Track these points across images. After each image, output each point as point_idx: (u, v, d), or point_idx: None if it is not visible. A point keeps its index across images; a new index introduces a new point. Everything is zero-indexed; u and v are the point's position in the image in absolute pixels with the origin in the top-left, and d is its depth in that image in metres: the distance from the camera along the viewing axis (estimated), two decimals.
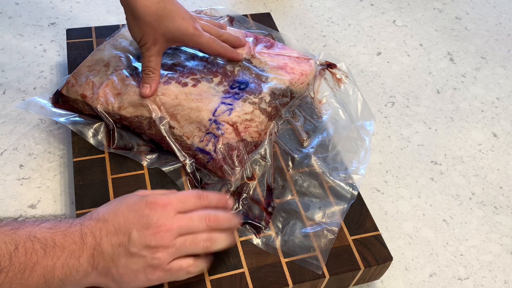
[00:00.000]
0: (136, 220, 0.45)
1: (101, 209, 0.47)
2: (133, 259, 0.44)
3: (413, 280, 0.59)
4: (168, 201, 0.47)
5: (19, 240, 0.39)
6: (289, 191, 0.57)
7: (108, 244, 0.44)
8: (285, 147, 0.61)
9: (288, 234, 0.54)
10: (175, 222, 0.45)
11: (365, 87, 0.82)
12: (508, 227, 0.65)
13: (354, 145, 0.62)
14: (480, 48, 0.92)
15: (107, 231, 0.44)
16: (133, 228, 0.44)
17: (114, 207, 0.46)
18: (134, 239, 0.44)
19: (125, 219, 0.45)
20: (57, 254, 0.41)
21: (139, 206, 0.46)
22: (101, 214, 0.45)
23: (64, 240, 0.42)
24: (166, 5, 0.56)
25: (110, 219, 0.45)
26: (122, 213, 0.45)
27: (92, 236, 0.43)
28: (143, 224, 0.45)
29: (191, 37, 0.59)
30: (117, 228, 0.44)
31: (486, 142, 0.76)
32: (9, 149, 0.65)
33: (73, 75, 0.63)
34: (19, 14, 0.84)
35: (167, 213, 0.46)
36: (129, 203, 0.46)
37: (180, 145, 0.58)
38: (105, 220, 0.45)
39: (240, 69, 0.64)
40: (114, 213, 0.45)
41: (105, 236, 0.44)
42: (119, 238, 0.44)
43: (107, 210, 0.46)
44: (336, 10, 0.96)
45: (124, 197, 0.48)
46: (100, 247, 0.43)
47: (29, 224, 0.42)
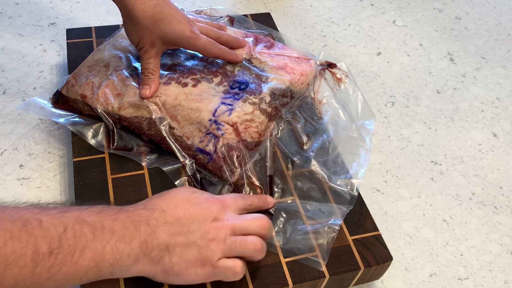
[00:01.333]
0: (197, 212, 0.46)
1: (154, 199, 0.47)
2: (189, 249, 0.45)
3: (413, 280, 0.59)
4: (224, 199, 0.50)
5: (68, 222, 0.39)
6: (289, 193, 0.57)
7: (165, 233, 0.44)
8: (285, 150, 0.61)
9: (289, 234, 0.54)
10: (231, 219, 0.47)
11: (365, 87, 0.82)
12: (508, 227, 0.65)
13: (354, 146, 0.62)
14: (480, 48, 0.92)
15: (165, 221, 0.45)
16: (194, 220, 0.46)
17: (171, 199, 0.47)
18: (194, 229, 0.45)
19: (185, 211, 0.46)
20: (106, 237, 0.41)
21: (200, 200, 0.48)
22: (156, 204, 0.46)
23: (113, 224, 0.42)
24: (163, 9, 0.56)
25: (168, 210, 0.45)
26: (181, 206, 0.46)
27: (146, 223, 0.43)
28: (204, 216, 0.46)
29: (188, 40, 0.60)
30: (176, 219, 0.45)
31: (486, 142, 0.76)
32: (9, 149, 0.65)
33: (73, 75, 0.63)
34: (19, 14, 0.84)
35: (225, 210, 0.48)
36: (188, 196, 0.48)
37: (180, 146, 0.58)
38: (162, 211, 0.45)
39: (240, 69, 0.64)
40: (172, 205, 0.46)
41: (161, 225, 0.44)
42: (178, 228, 0.45)
43: (163, 201, 0.46)
44: (336, 10, 0.96)
45: (175, 190, 0.49)
46: (156, 234, 0.44)
47: (77, 209, 0.41)
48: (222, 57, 0.64)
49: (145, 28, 0.56)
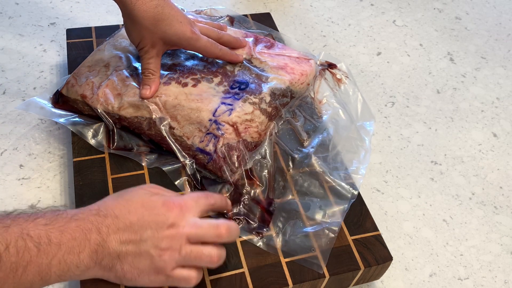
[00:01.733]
0: (151, 219, 0.44)
1: (108, 202, 0.45)
2: (140, 258, 0.44)
3: (413, 280, 0.59)
4: (184, 202, 0.47)
5: (10, 239, 0.38)
6: (289, 191, 0.57)
7: (116, 241, 0.43)
8: (285, 147, 0.61)
9: (289, 234, 0.54)
10: (188, 226, 0.45)
11: (365, 87, 0.82)
12: (508, 227, 0.65)
13: (354, 145, 0.62)
14: (480, 48, 0.92)
15: (117, 228, 0.43)
16: (147, 227, 0.44)
17: (126, 203, 0.45)
18: (147, 237, 0.44)
19: (139, 217, 0.44)
20: (52, 251, 0.40)
21: (155, 204, 0.45)
22: (110, 209, 0.44)
23: (61, 236, 0.40)
24: (164, 9, 0.56)
25: (121, 216, 0.44)
26: (135, 210, 0.45)
27: (97, 232, 0.42)
28: (158, 223, 0.44)
29: (189, 41, 0.59)
30: (128, 226, 0.44)
31: (486, 142, 0.76)
32: (9, 149, 0.65)
33: (73, 75, 0.63)
34: (19, 14, 0.84)
35: (182, 215, 0.46)
36: (144, 200, 0.46)
37: (180, 146, 0.58)
38: (115, 217, 0.44)
39: (240, 69, 0.64)
40: (126, 210, 0.44)
41: (113, 233, 0.43)
42: (130, 236, 0.44)
43: (116, 205, 0.45)
44: (336, 10, 0.96)
45: (133, 192, 0.47)
46: (106, 244, 0.43)
47: (23, 220, 0.40)
48: (223, 58, 0.64)
49: (146, 29, 0.56)
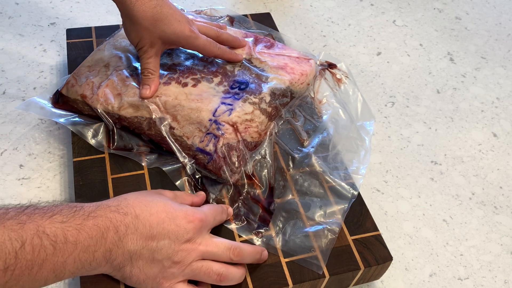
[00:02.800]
0: (171, 229, 0.45)
1: (130, 199, 0.45)
2: (151, 265, 0.44)
3: (413, 280, 0.59)
4: (205, 217, 0.47)
5: (26, 236, 0.37)
6: (289, 191, 0.57)
7: (132, 243, 0.43)
8: (285, 147, 0.61)
9: (289, 234, 0.54)
10: (204, 242, 0.46)
11: (365, 87, 0.82)
12: (508, 227, 0.65)
13: (354, 145, 0.62)
14: (480, 48, 0.92)
15: (135, 228, 0.43)
16: (165, 236, 0.44)
17: (148, 203, 0.45)
18: (162, 246, 0.44)
19: (159, 222, 0.44)
20: (68, 250, 0.39)
21: (178, 214, 0.46)
22: (130, 207, 0.44)
23: (78, 234, 0.39)
24: (163, 9, 0.57)
25: (142, 216, 0.44)
26: (157, 215, 0.44)
27: (115, 230, 0.42)
28: (177, 235, 0.45)
29: (187, 40, 0.60)
30: (148, 229, 0.44)
31: (486, 142, 0.76)
32: (9, 149, 0.65)
33: (73, 75, 0.63)
34: (19, 14, 0.84)
35: (200, 232, 0.46)
36: (166, 206, 0.46)
37: (180, 146, 0.58)
38: (136, 216, 0.43)
39: (240, 69, 0.64)
40: (147, 211, 0.44)
41: (131, 233, 0.43)
42: (147, 240, 0.43)
43: (138, 204, 0.44)
44: (336, 10, 0.96)
45: (154, 196, 0.47)
46: (122, 243, 0.42)
47: (39, 217, 0.39)
48: (222, 57, 0.64)
49: (144, 28, 0.57)
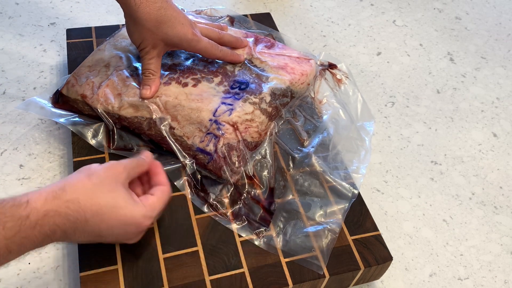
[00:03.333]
0: (121, 233, 0.47)
1: (82, 202, 0.43)
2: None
3: (413, 280, 0.59)
4: (154, 219, 0.49)
5: None
6: (289, 191, 0.57)
7: (79, 238, 0.45)
8: (286, 146, 0.61)
9: (289, 234, 0.54)
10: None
11: (365, 87, 0.82)
12: (508, 227, 0.66)
13: (354, 145, 0.62)
14: (480, 48, 0.92)
15: (83, 230, 0.44)
16: (114, 237, 0.47)
17: (100, 208, 0.44)
18: (109, 240, 0.48)
19: (109, 227, 0.46)
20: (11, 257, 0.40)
21: (130, 223, 0.47)
22: (82, 212, 0.43)
23: (22, 245, 0.41)
24: (167, 11, 0.57)
25: (92, 221, 0.44)
26: (108, 221, 0.45)
27: (63, 232, 0.43)
28: (125, 237, 0.48)
29: (190, 43, 0.60)
30: (97, 231, 0.45)
31: (486, 142, 0.76)
32: (9, 149, 0.65)
33: (73, 75, 0.63)
34: (19, 14, 0.84)
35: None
36: (118, 212, 0.45)
37: (180, 146, 0.58)
38: (86, 221, 0.43)
39: (241, 69, 0.64)
40: (98, 217, 0.44)
41: (79, 233, 0.44)
42: (95, 237, 0.46)
43: (90, 208, 0.44)
44: (336, 10, 0.96)
45: (109, 196, 0.45)
46: (69, 239, 0.44)
47: None
48: (223, 59, 0.64)
49: (148, 30, 0.57)
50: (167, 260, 0.51)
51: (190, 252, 0.52)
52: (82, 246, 0.51)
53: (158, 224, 0.53)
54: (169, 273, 0.50)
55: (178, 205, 0.55)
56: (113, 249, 0.51)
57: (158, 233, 0.53)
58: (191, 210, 0.55)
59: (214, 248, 0.52)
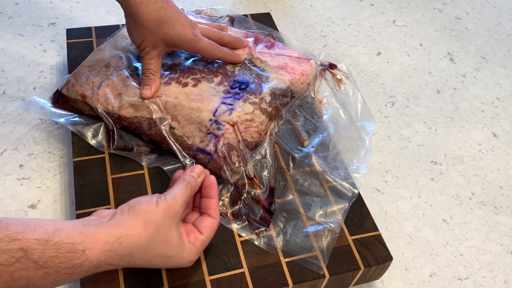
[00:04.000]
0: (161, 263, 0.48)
1: (135, 255, 0.44)
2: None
3: (413, 280, 0.59)
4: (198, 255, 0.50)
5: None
6: (290, 191, 0.57)
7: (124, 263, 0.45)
8: (286, 146, 0.61)
9: (290, 234, 0.54)
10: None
11: (365, 87, 0.82)
12: (508, 227, 0.66)
13: (354, 145, 0.62)
14: (480, 48, 0.92)
15: (129, 262, 0.45)
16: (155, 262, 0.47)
17: (150, 259, 0.46)
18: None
19: (151, 261, 0.46)
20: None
21: (171, 265, 0.48)
22: (131, 258, 0.44)
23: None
24: (167, 12, 0.57)
25: (137, 258, 0.45)
26: (151, 261, 0.46)
27: (109, 264, 0.43)
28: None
29: (190, 43, 0.60)
30: (141, 262, 0.46)
31: (486, 142, 0.76)
32: (9, 149, 0.65)
33: (73, 75, 0.63)
34: (19, 14, 0.84)
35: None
36: (166, 261, 0.47)
37: (180, 146, 0.58)
38: (132, 258, 0.44)
39: (241, 69, 0.64)
40: (145, 259, 0.45)
41: (124, 263, 0.44)
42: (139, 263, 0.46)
43: (140, 259, 0.45)
44: (336, 10, 0.96)
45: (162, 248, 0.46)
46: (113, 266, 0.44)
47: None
48: (223, 59, 0.64)
49: (148, 30, 0.57)
50: None
51: None
52: None
53: None
54: (169, 273, 0.50)
55: None
56: None
57: None
58: None
59: (214, 248, 0.52)
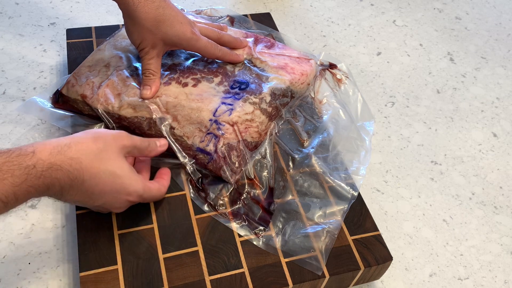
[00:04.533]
0: (110, 200, 0.49)
1: (84, 163, 0.45)
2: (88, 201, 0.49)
3: (413, 280, 0.59)
4: (144, 198, 0.52)
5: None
6: (289, 191, 0.57)
7: (72, 196, 0.45)
8: (286, 147, 0.61)
9: (289, 234, 0.54)
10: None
11: (365, 87, 0.82)
12: (508, 227, 0.66)
13: (354, 145, 0.62)
14: (480, 48, 0.92)
15: (78, 190, 0.45)
16: (103, 201, 0.48)
17: (98, 173, 0.46)
18: (98, 204, 0.49)
19: (101, 192, 0.47)
20: (17, 204, 0.42)
21: (122, 192, 0.49)
22: (81, 172, 0.44)
23: (28, 194, 0.42)
24: (165, 10, 0.57)
25: (87, 184, 0.45)
26: (102, 186, 0.46)
27: (59, 187, 0.44)
28: (113, 204, 0.50)
29: (189, 42, 0.60)
30: (89, 193, 0.46)
31: (486, 142, 0.76)
32: None
33: (74, 75, 0.63)
34: (19, 14, 0.84)
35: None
36: (115, 181, 0.47)
37: (180, 146, 0.58)
38: (82, 182, 0.45)
39: (241, 69, 0.64)
40: (94, 181, 0.46)
41: (73, 191, 0.45)
42: (86, 198, 0.47)
43: (89, 171, 0.45)
44: (336, 10, 0.96)
45: (109, 164, 0.47)
46: (63, 195, 0.45)
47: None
48: (223, 58, 0.64)
49: (147, 30, 0.57)
50: (167, 260, 0.51)
51: (190, 252, 0.52)
52: (82, 246, 0.51)
53: (158, 224, 0.53)
54: (169, 273, 0.50)
55: (178, 205, 0.55)
56: (113, 249, 0.51)
57: (158, 233, 0.53)
58: (191, 210, 0.55)
59: (214, 248, 0.52)
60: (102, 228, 0.52)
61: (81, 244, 0.51)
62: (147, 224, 0.53)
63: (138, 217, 0.54)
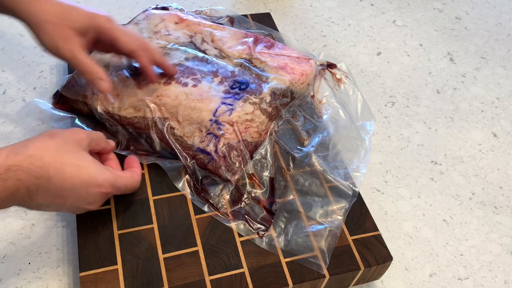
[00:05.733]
0: (82, 194, 0.47)
1: (45, 159, 0.44)
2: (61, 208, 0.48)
3: (413, 280, 0.59)
4: (115, 186, 0.50)
5: None
6: (290, 191, 0.57)
7: (41, 198, 0.44)
8: (286, 146, 0.61)
9: (291, 234, 0.54)
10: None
11: (365, 87, 0.82)
12: (508, 227, 0.66)
13: (354, 144, 0.62)
14: (480, 48, 0.92)
15: (46, 189, 0.44)
16: (75, 199, 0.47)
17: (63, 166, 0.45)
18: (69, 204, 0.47)
19: (71, 187, 0.46)
20: None
21: (91, 182, 0.47)
22: (45, 169, 0.43)
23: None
24: (65, 3, 0.54)
25: (55, 179, 0.44)
26: (70, 180, 0.45)
27: (26, 190, 0.42)
28: (86, 200, 0.48)
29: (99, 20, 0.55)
30: (59, 191, 0.45)
31: (486, 142, 0.76)
32: None
33: (73, 75, 0.63)
34: None
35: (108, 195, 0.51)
36: (81, 171, 0.46)
37: (180, 146, 0.58)
38: (49, 179, 0.44)
39: (241, 69, 0.64)
40: (61, 175, 0.44)
41: (41, 192, 0.44)
42: (56, 199, 0.45)
43: (53, 165, 0.44)
44: (336, 10, 0.96)
45: (72, 156, 0.46)
46: (31, 199, 0.44)
47: None
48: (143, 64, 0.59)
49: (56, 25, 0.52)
50: (167, 260, 0.51)
51: (190, 252, 0.52)
52: (82, 246, 0.51)
53: (158, 224, 0.53)
54: (169, 273, 0.50)
55: (178, 205, 0.55)
56: (113, 249, 0.51)
57: (158, 233, 0.53)
58: (191, 210, 0.55)
59: (214, 248, 0.52)
60: (102, 228, 0.52)
61: (81, 244, 0.51)
62: (147, 224, 0.53)
63: (138, 217, 0.54)
